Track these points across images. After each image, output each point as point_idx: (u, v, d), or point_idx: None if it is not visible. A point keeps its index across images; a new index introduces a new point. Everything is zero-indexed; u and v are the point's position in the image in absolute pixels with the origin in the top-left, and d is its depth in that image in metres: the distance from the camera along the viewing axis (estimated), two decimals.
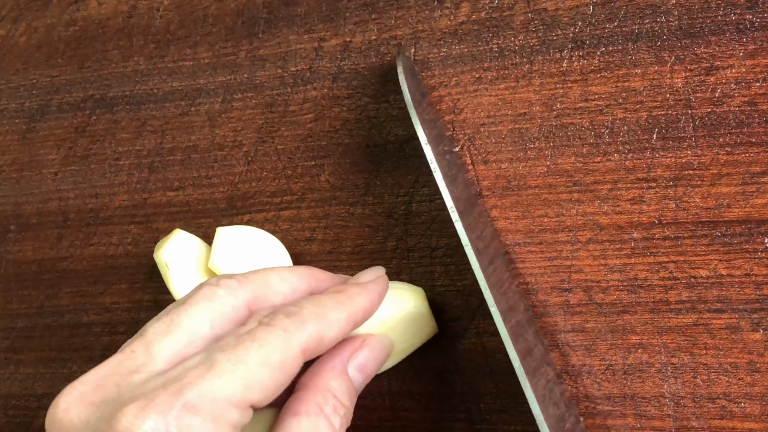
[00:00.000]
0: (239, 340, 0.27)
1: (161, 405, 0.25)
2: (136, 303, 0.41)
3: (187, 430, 0.25)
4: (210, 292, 0.29)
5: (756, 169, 0.32)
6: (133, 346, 0.28)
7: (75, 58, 0.44)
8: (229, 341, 0.27)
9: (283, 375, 0.27)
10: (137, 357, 0.27)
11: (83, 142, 0.43)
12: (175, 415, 0.25)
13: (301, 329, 0.28)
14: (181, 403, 0.25)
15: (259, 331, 0.27)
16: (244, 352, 0.26)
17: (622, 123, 0.34)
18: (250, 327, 0.28)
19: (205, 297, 0.29)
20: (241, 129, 0.40)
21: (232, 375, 0.26)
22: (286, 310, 0.28)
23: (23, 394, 0.43)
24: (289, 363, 0.27)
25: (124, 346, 0.28)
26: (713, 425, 0.32)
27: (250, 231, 0.37)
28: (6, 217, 0.44)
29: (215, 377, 0.26)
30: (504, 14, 0.36)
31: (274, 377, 0.27)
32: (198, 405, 0.25)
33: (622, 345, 0.33)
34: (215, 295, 0.29)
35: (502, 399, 0.35)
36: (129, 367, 0.27)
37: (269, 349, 0.27)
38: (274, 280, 0.31)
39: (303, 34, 0.39)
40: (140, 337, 0.28)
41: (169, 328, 0.28)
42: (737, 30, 0.33)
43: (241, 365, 0.26)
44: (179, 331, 0.28)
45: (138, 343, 0.28)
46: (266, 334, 0.27)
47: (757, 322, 0.32)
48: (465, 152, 0.36)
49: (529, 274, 0.35)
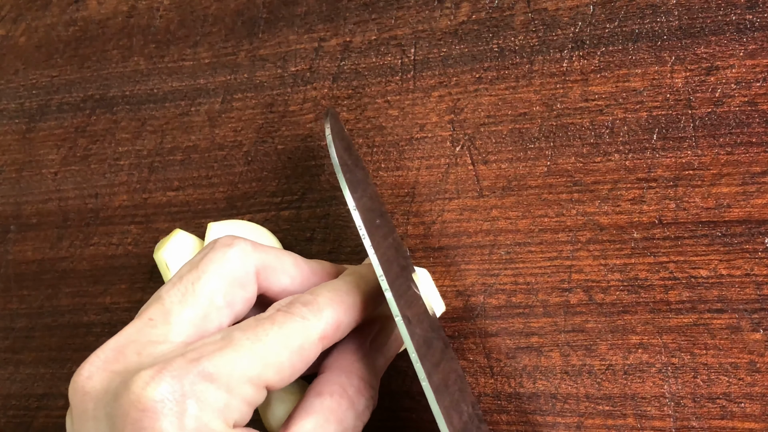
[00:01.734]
0: (259, 322, 0.27)
1: (177, 370, 0.25)
2: (136, 303, 0.41)
3: (201, 395, 0.25)
4: (221, 254, 0.29)
5: (756, 169, 0.32)
6: (151, 313, 0.28)
7: (75, 58, 0.44)
8: (249, 322, 0.27)
9: (301, 360, 0.27)
10: (157, 325, 0.27)
11: (83, 142, 0.43)
12: (190, 380, 0.25)
13: (318, 317, 0.28)
14: (197, 370, 0.25)
15: (278, 315, 0.28)
16: (263, 332, 0.27)
17: (622, 123, 0.34)
18: (269, 313, 0.28)
19: (216, 261, 0.29)
20: (241, 129, 0.40)
21: (250, 352, 0.26)
22: (302, 298, 0.29)
23: (23, 394, 0.42)
24: (306, 349, 0.27)
25: (142, 310, 0.28)
26: (713, 425, 0.32)
27: (241, 225, 0.37)
28: (6, 217, 0.44)
29: (233, 351, 0.26)
30: (504, 14, 0.36)
31: (291, 360, 0.27)
32: (214, 374, 0.25)
33: (622, 345, 0.33)
34: (226, 257, 0.29)
35: (502, 399, 0.35)
36: (149, 336, 0.27)
37: (289, 332, 0.27)
38: (287, 260, 0.31)
39: (303, 34, 0.39)
40: (157, 303, 0.28)
41: (184, 297, 0.28)
42: (737, 30, 0.33)
43: (259, 344, 0.26)
44: (194, 300, 0.28)
45: (155, 311, 0.28)
46: (285, 319, 0.27)
47: (758, 322, 0.32)
48: (465, 152, 0.36)
49: (529, 274, 0.35)
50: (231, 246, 0.29)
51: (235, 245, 0.29)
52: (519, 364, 0.34)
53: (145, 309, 0.28)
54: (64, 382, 0.42)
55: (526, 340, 0.34)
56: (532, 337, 0.34)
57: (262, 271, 0.30)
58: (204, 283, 0.28)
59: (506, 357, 0.35)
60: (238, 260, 0.29)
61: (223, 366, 0.26)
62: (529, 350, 0.34)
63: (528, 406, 0.34)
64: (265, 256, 0.30)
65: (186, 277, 0.28)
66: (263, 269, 0.30)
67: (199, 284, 0.28)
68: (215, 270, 0.28)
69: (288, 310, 0.28)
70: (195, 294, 0.28)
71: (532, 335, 0.34)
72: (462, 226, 0.36)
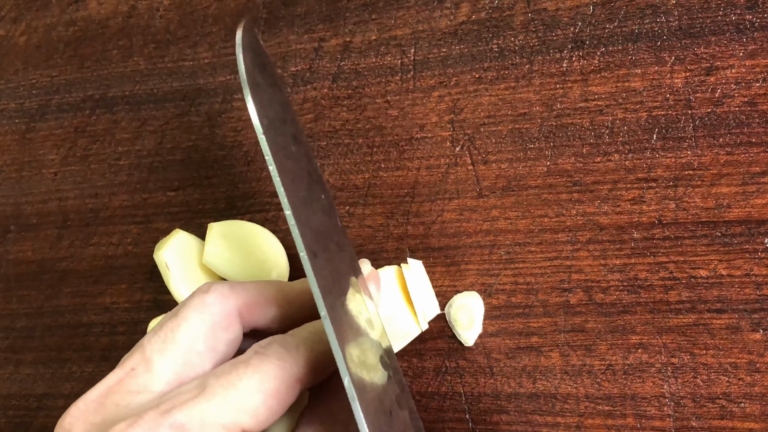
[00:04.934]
0: (234, 366, 0.27)
1: (149, 423, 0.26)
2: (136, 303, 0.41)
3: None
4: (200, 301, 0.29)
5: (756, 169, 0.32)
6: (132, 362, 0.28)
7: (75, 58, 0.44)
8: (225, 367, 0.28)
9: (278, 402, 0.27)
10: (138, 375, 0.28)
11: (83, 142, 0.43)
12: None
13: (296, 358, 0.28)
14: (168, 423, 0.26)
15: (254, 358, 0.28)
16: (236, 378, 0.27)
17: (622, 123, 0.34)
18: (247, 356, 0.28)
19: (196, 308, 0.29)
20: (241, 129, 0.40)
21: (223, 399, 0.26)
22: (281, 339, 0.29)
23: (23, 394, 0.42)
24: (283, 392, 0.27)
25: (124, 360, 0.29)
26: (713, 425, 0.32)
27: (242, 225, 0.37)
28: (6, 217, 0.44)
29: (205, 401, 0.26)
30: (504, 14, 0.36)
31: (267, 404, 0.27)
32: (186, 425, 0.26)
33: (622, 345, 0.33)
34: (205, 304, 0.29)
35: (502, 399, 0.35)
36: (129, 386, 0.28)
37: (263, 376, 0.27)
38: (270, 290, 0.31)
39: (303, 34, 0.39)
40: (139, 352, 0.29)
41: (165, 345, 0.29)
42: (737, 30, 0.33)
43: (232, 390, 0.27)
44: (174, 348, 0.28)
45: (137, 360, 0.28)
46: (261, 362, 0.28)
47: (757, 322, 0.32)
48: (465, 152, 0.36)
49: (529, 274, 0.35)
50: (208, 292, 0.30)
51: (212, 291, 0.30)
52: (519, 364, 0.34)
53: (127, 357, 0.29)
54: (64, 382, 0.42)
55: (526, 340, 0.34)
56: (532, 337, 0.34)
57: (245, 310, 0.30)
58: (184, 330, 0.29)
59: (506, 357, 0.35)
60: (217, 304, 0.29)
61: (195, 415, 0.26)
62: (529, 350, 0.34)
63: (528, 406, 0.34)
64: (245, 294, 0.30)
65: (167, 325, 0.29)
66: (246, 307, 0.30)
67: (179, 331, 0.29)
68: (194, 316, 0.29)
69: (264, 352, 0.28)
70: (175, 341, 0.28)
71: (532, 335, 0.34)
72: (462, 226, 0.36)
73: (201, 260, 0.38)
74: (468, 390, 0.35)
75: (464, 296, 0.35)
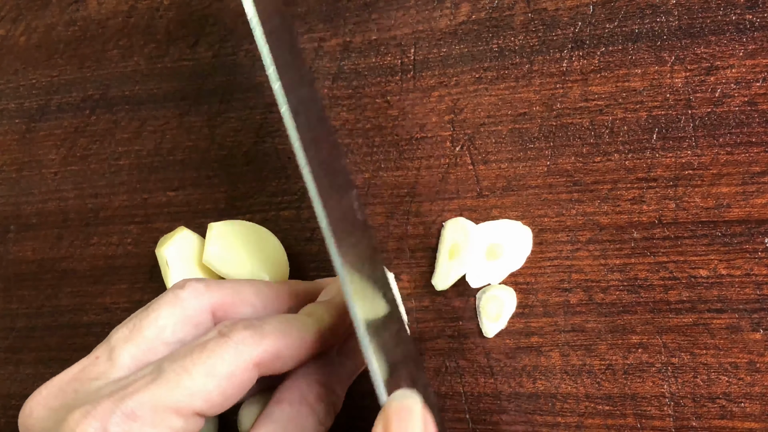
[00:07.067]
0: (190, 350, 0.28)
1: (102, 412, 0.26)
2: (136, 303, 0.41)
3: None
4: (173, 296, 0.30)
5: (756, 169, 0.33)
6: (98, 351, 0.29)
7: (75, 58, 0.44)
8: (180, 351, 0.28)
9: (232, 386, 0.27)
10: (100, 363, 0.29)
11: (83, 142, 0.43)
12: (115, 421, 0.26)
13: (257, 342, 0.28)
14: (120, 410, 0.26)
15: (211, 342, 0.28)
16: (190, 362, 0.27)
17: (622, 123, 0.34)
18: (207, 337, 0.28)
19: (168, 302, 0.30)
20: (241, 129, 0.40)
21: (175, 384, 0.27)
22: (247, 322, 0.29)
23: (23, 394, 0.42)
24: (238, 375, 0.28)
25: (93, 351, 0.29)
26: (713, 425, 0.32)
27: (242, 225, 0.37)
28: (6, 217, 0.44)
29: (156, 387, 0.27)
30: (504, 14, 0.36)
31: (220, 387, 0.27)
32: (137, 412, 0.26)
33: (622, 345, 0.33)
34: (178, 298, 0.29)
35: (502, 399, 0.35)
36: (90, 373, 0.28)
37: (217, 360, 0.27)
38: (246, 290, 0.31)
39: (303, 34, 0.39)
40: (105, 342, 0.29)
41: (131, 333, 0.29)
42: (737, 30, 0.33)
43: (185, 375, 0.27)
44: (139, 337, 0.29)
45: (102, 349, 0.29)
46: (217, 346, 0.28)
47: (757, 322, 0.32)
48: (465, 152, 0.36)
49: (529, 274, 0.35)
50: (183, 288, 0.30)
51: (186, 287, 0.30)
52: (519, 364, 0.34)
53: (96, 348, 0.29)
54: None
55: (526, 340, 0.34)
56: (532, 337, 0.34)
57: (219, 308, 0.30)
58: (151, 320, 0.29)
59: (506, 357, 0.35)
60: (191, 299, 0.29)
61: (147, 401, 0.26)
62: (529, 350, 0.34)
63: (528, 406, 0.34)
64: (219, 293, 0.30)
65: (137, 317, 0.29)
66: (220, 306, 0.30)
67: (147, 321, 0.29)
68: (166, 309, 0.29)
69: (226, 332, 0.28)
70: (141, 330, 0.29)
71: (532, 335, 0.34)
72: None
73: (201, 260, 0.38)
74: (468, 390, 0.35)
75: (499, 288, 0.35)
